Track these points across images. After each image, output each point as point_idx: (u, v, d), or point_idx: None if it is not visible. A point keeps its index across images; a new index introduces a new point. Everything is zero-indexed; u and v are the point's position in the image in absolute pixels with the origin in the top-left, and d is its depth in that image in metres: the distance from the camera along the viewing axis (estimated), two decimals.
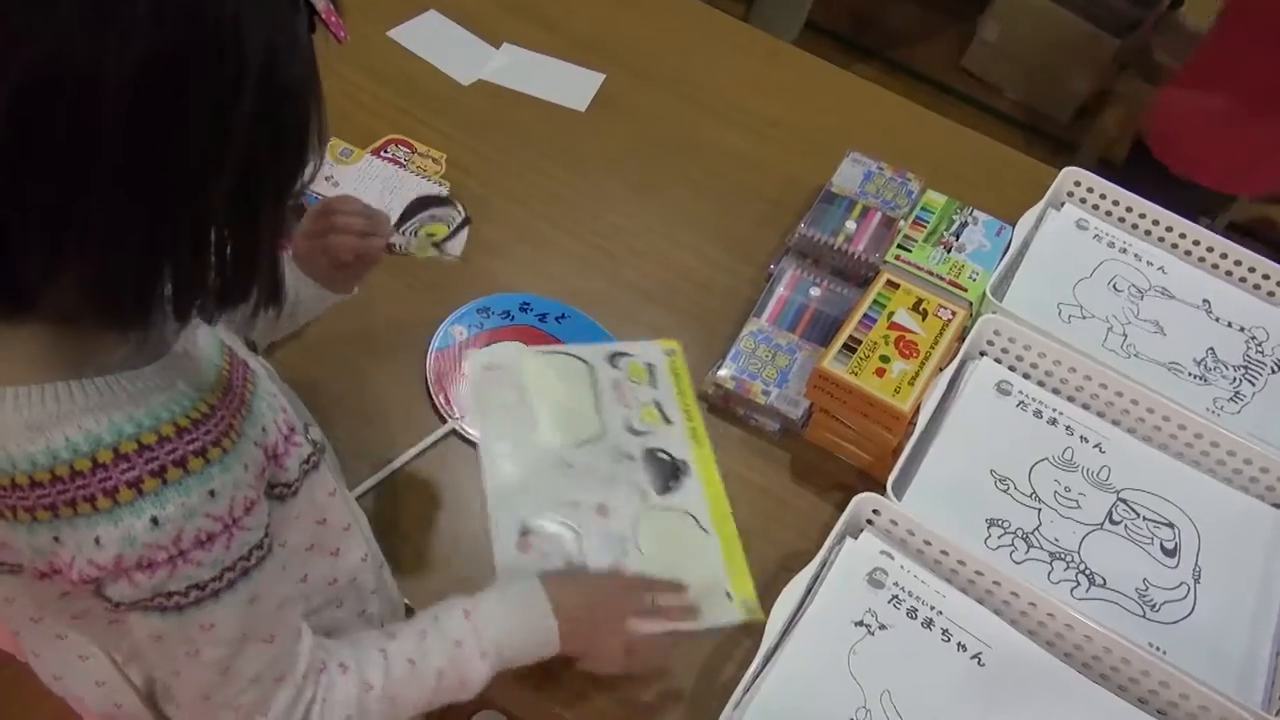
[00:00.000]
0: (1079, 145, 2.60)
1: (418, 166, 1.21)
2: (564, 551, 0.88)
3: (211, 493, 0.54)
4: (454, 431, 0.99)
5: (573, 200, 1.22)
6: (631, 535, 0.91)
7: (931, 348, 0.98)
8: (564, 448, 0.95)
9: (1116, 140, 2.64)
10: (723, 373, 1.02)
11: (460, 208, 1.09)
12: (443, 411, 1.00)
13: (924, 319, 1.00)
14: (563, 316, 1.09)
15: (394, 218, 1.14)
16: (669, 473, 0.96)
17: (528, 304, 1.09)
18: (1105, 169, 2.65)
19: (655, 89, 1.36)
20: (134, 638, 0.60)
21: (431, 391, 1.01)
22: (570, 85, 1.34)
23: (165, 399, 0.54)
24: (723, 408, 1.04)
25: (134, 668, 0.69)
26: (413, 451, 0.97)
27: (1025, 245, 1.13)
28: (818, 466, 1.02)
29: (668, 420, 1.00)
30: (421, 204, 1.14)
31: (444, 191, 1.18)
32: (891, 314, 1.00)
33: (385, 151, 1.22)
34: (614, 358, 1.03)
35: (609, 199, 1.23)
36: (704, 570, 0.91)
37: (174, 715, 0.71)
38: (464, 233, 1.03)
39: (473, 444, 0.99)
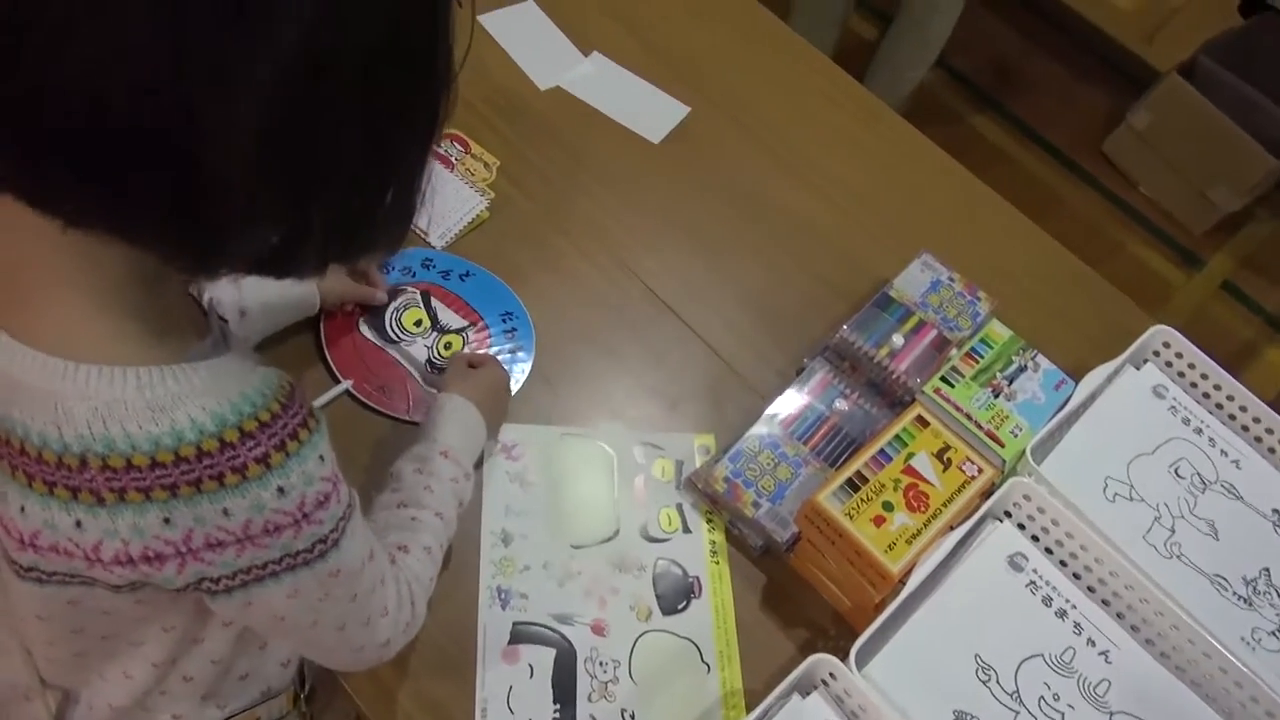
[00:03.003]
0: (1206, 261, 2.40)
1: (466, 169, 1.14)
2: (549, 668, 0.85)
3: (321, 457, 0.57)
4: (348, 392, 0.97)
5: (619, 237, 1.14)
6: (625, 658, 0.86)
7: (943, 506, 0.88)
8: (575, 547, 0.91)
9: (1249, 265, 2.43)
10: (716, 470, 0.94)
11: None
12: (336, 372, 0.97)
13: (945, 470, 0.90)
14: (466, 274, 1.07)
15: (429, 219, 1.09)
16: (681, 591, 0.90)
17: (430, 260, 1.07)
18: (1229, 295, 2.44)
19: (737, 132, 1.27)
20: (268, 611, 0.61)
21: (326, 352, 0.98)
22: (651, 113, 1.26)
23: (260, 379, 0.56)
24: (707, 505, 0.96)
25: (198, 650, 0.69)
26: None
27: (1089, 399, 1.01)
28: (792, 596, 0.93)
29: (687, 529, 0.93)
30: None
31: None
32: (911, 456, 0.90)
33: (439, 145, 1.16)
34: (644, 449, 0.97)
35: (656, 242, 1.15)
36: (698, 707, 0.85)
37: (317, 660, 0.76)
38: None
39: (369, 406, 0.96)
